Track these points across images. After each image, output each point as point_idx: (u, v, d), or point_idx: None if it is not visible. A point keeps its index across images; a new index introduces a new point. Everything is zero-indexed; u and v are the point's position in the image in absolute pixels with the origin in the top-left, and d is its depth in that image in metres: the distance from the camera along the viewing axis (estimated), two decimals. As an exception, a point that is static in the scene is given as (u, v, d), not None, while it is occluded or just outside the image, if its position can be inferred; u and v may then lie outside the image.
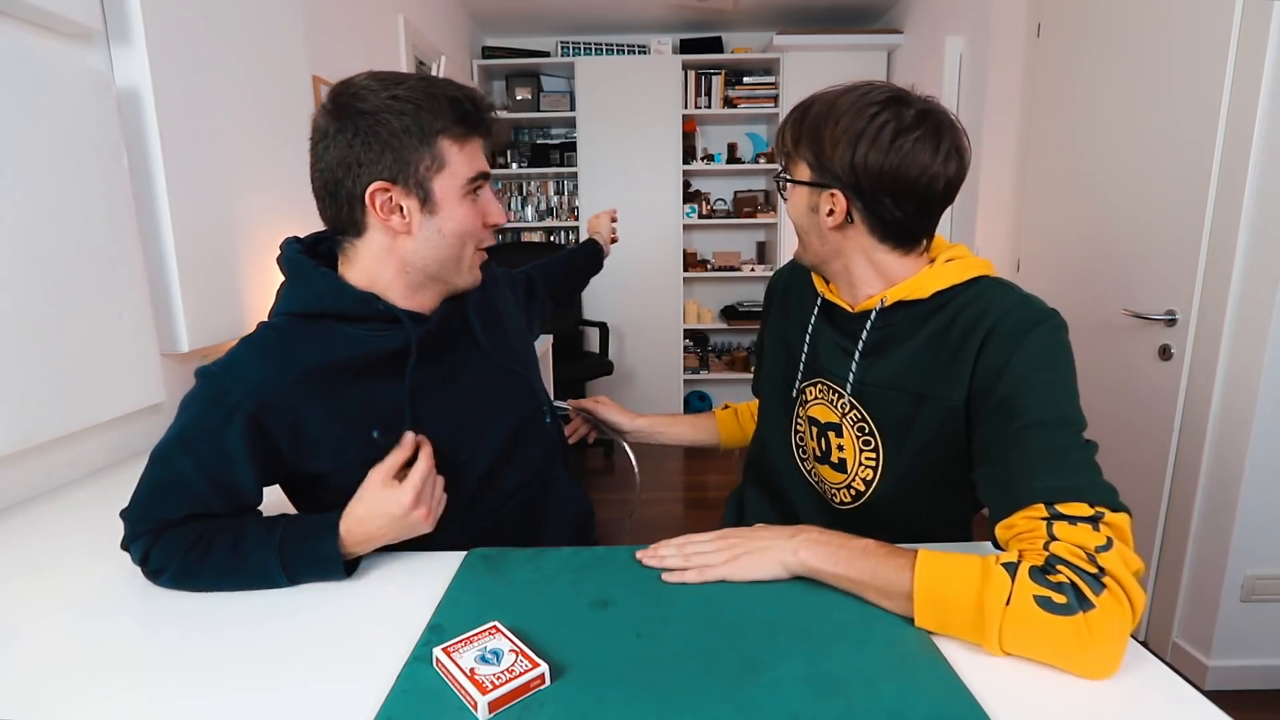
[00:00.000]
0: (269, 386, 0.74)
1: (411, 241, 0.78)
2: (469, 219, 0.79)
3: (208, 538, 0.74)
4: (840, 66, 3.60)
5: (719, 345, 4.30)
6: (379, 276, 0.80)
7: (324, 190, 0.77)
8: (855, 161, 0.78)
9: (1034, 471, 0.68)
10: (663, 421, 1.23)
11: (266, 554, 0.73)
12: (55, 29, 1.11)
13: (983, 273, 0.84)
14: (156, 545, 0.74)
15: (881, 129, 0.77)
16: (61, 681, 0.60)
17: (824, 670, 0.58)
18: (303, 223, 1.75)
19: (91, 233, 1.13)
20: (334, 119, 0.74)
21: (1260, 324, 1.51)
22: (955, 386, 0.79)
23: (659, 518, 2.76)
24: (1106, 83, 1.92)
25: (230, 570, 0.73)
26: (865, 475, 0.90)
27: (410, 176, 0.75)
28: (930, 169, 0.78)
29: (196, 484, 0.74)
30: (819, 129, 0.81)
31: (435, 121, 0.74)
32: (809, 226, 0.87)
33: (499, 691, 0.54)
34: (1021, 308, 0.77)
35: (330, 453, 0.78)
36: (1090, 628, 0.57)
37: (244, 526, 0.76)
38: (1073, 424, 0.71)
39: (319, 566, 0.74)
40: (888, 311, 0.86)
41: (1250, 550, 1.58)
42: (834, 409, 0.92)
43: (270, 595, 0.74)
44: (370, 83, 0.75)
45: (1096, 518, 0.63)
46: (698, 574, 0.74)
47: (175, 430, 0.75)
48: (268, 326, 0.80)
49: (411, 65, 2.74)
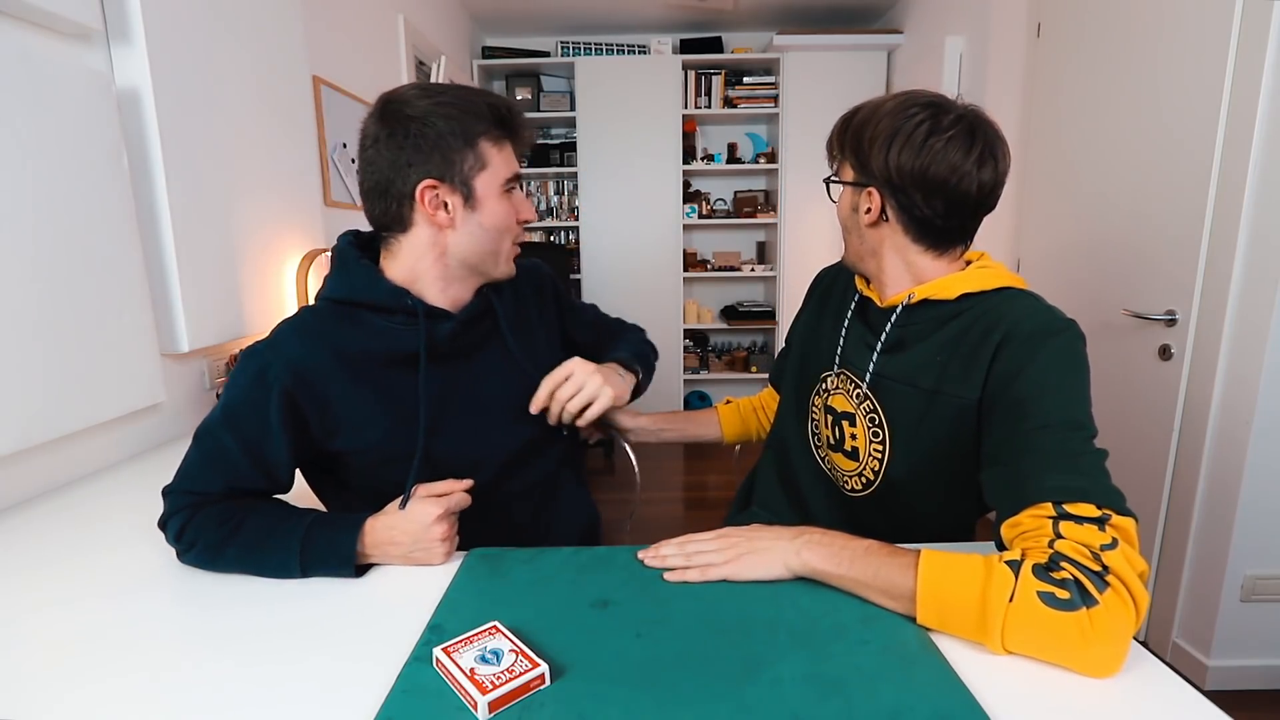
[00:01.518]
0: (304, 363, 0.80)
1: (454, 235, 0.85)
2: (506, 215, 0.87)
3: (240, 515, 0.78)
4: (840, 66, 3.60)
5: (719, 345, 4.30)
6: (419, 269, 0.86)
7: (375, 190, 0.83)
8: (890, 159, 0.82)
9: (1044, 471, 0.68)
10: (665, 419, 1.23)
11: (291, 539, 0.76)
12: (55, 29, 1.11)
13: (1012, 284, 0.85)
14: (194, 520, 0.78)
15: (916, 129, 0.81)
16: (61, 681, 0.60)
17: (824, 670, 0.59)
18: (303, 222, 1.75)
19: (91, 233, 1.13)
20: (384, 125, 0.81)
21: (1260, 324, 1.51)
22: (969, 386, 0.80)
23: (659, 518, 2.76)
24: (1106, 83, 1.92)
25: (255, 548, 0.76)
26: (874, 465, 0.91)
27: (455, 175, 0.82)
28: (960, 168, 0.80)
29: (238, 458, 0.79)
30: (862, 131, 0.86)
31: (477, 125, 0.82)
32: (850, 225, 0.92)
33: (499, 691, 0.54)
34: (1041, 315, 0.79)
35: (352, 432, 0.83)
36: (1094, 624, 0.57)
37: (278, 509, 0.80)
38: (1084, 429, 0.71)
39: (333, 561, 0.76)
40: (913, 309, 0.88)
41: (1250, 550, 1.58)
42: (850, 399, 0.94)
43: (271, 595, 0.74)
44: (415, 92, 0.82)
45: (1103, 519, 0.63)
46: (699, 573, 0.74)
47: (220, 406, 0.81)
48: (308, 309, 0.87)
49: (412, 65, 2.74)
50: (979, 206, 0.85)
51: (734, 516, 1.19)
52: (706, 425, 1.26)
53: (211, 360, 1.50)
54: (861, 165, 0.86)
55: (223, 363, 1.52)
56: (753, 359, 4.08)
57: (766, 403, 1.26)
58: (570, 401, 0.91)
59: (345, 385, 0.82)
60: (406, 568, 0.79)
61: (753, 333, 4.28)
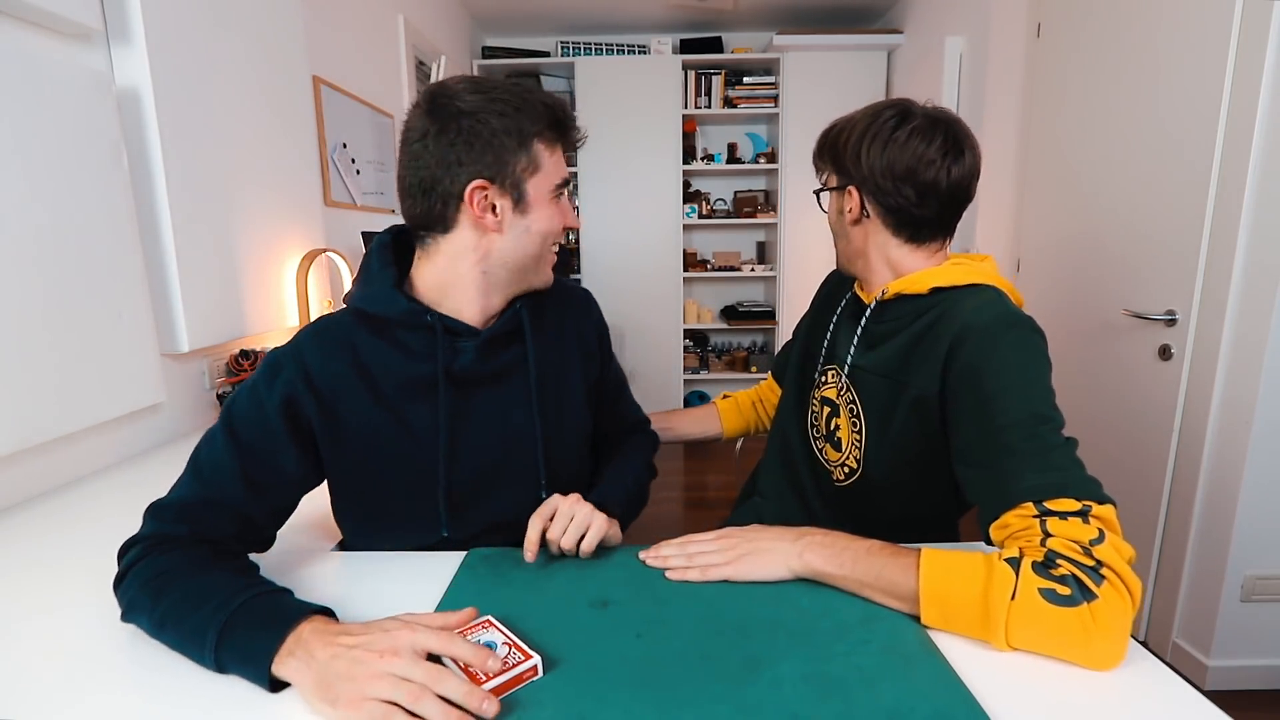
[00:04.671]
0: (318, 367, 0.78)
1: (500, 240, 0.80)
2: (554, 220, 0.82)
3: (175, 573, 0.64)
4: (840, 66, 3.60)
5: (719, 345, 4.30)
6: (457, 272, 0.81)
7: (418, 187, 0.78)
8: (863, 157, 0.89)
9: (1019, 471, 0.70)
10: (665, 418, 1.24)
11: (218, 615, 0.59)
12: (55, 29, 1.11)
13: (985, 281, 0.87)
14: (136, 567, 0.66)
15: (884, 125, 0.88)
16: (60, 681, 0.60)
17: (824, 670, 0.59)
18: (303, 222, 1.75)
19: (91, 233, 1.13)
20: (433, 120, 0.76)
21: (1260, 324, 1.51)
22: (929, 378, 0.82)
23: (659, 518, 2.76)
24: (1106, 83, 1.92)
25: (177, 615, 0.61)
26: (856, 454, 0.94)
27: (507, 177, 0.77)
28: (925, 156, 0.86)
29: (229, 465, 0.73)
30: (838, 139, 0.93)
31: (532, 125, 0.77)
32: (838, 229, 0.99)
33: (493, 683, 0.55)
34: (997, 309, 0.80)
35: (361, 448, 0.80)
36: (1095, 618, 0.58)
37: (217, 577, 0.65)
38: (1049, 421, 0.72)
39: (249, 661, 0.57)
40: (888, 303, 0.93)
41: (1250, 550, 1.58)
42: (837, 391, 0.98)
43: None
44: (467, 85, 0.77)
45: (1085, 511, 0.64)
46: (700, 573, 0.74)
47: (225, 409, 0.78)
48: (329, 316, 0.85)
49: (412, 65, 2.74)
50: (952, 197, 0.89)
51: (737, 506, 1.21)
52: (707, 423, 1.27)
53: (211, 360, 1.50)
54: (840, 169, 0.94)
55: (223, 363, 1.52)
56: (753, 359, 4.08)
57: (766, 395, 1.27)
58: (564, 538, 0.77)
59: (361, 400, 0.79)
60: (407, 568, 0.79)
61: (753, 333, 4.28)
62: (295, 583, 0.75)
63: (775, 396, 1.20)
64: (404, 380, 0.80)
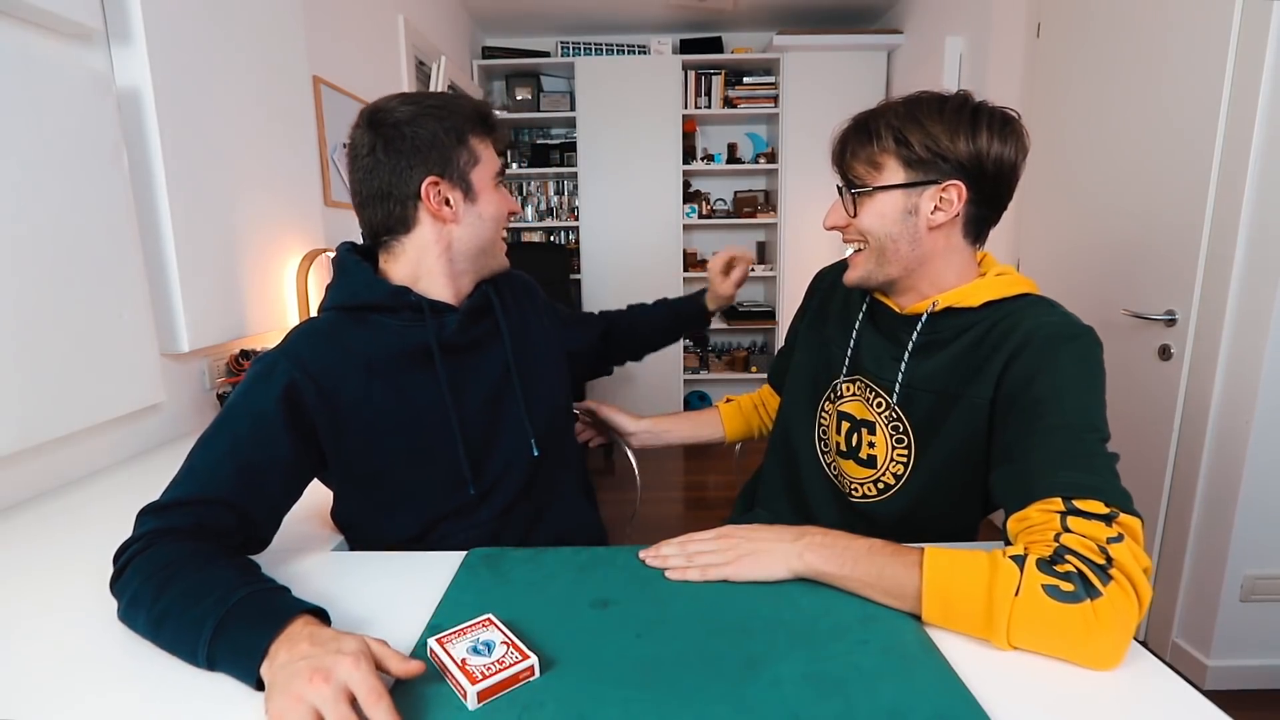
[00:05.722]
0: (315, 363, 0.81)
1: (458, 229, 0.88)
2: (501, 205, 0.91)
3: (176, 565, 0.64)
4: (840, 66, 3.60)
5: (719, 345, 4.30)
6: (424, 265, 0.88)
7: (375, 196, 0.85)
8: (979, 149, 0.79)
9: (1057, 467, 0.69)
10: (667, 421, 1.23)
11: (216, 608, 0.59)
12: (55, 29, 1.11)
13: (1030, 290, 0.86)
14: (136, 561, 0.66)
15: (969, 114, 0.80)
16: (60, 681, 0.60)
17: (824, 670, 0.59)
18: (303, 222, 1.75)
19: (91, 233, 1.13)
20: (377, 134, 0.83)
21: (1260, 324, 1.51)
22: (983, 386, 0.81)
23: (659, 518, 2.76)
24: (1106, 83, 1.92)
25: (172, 613, 0.61)
26: (896, 470, 0.91)
27: (454, 171, 0.85)
28: (1020, 149, 0.81)
29: (226, 462, 0.74)
30: (920, 124, 0.79)
31: (465, 123, 0.86)
32: (900, 232, 0.84)
33: (488, 681, 0.55)
34: (1059, 322, 0.79)
35: (369, 432, 0.83)
36: (1098, 616, 0.58)
37: (214, 573, 0.64)
38: (1098, 431, 0.72)
39: (238, 661, 0.57)
40: (937, 316, 0.87)
41: (1250, 550, 1.58)
42: (870, 407, 0.93)
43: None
44: (399, 99, 0.85)
45: (1111, 516, 0.64)
46: (700, 573, 0.74)
47: (224, 409, 0.79)
48: (314, 319, 0.88)
49: (412, 65, 2.74)
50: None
51: (737, 518, 1.19)
52: (708, 426, 1.26)
53: (211, 360, 1.50)
54: (932, 158, 0.79)
55: (223, 363, 1.52)
56: (753, 359, 4.09)
57: (766, 399, 1.26)
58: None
59: (361, 385, 0.82)
60: (407, 568, 0.79)
61: (753, 333, 4.28)
62: (296, 583, 0.75)
63: (775, 401, 1.18)
64: (396, 354, 0.85)
